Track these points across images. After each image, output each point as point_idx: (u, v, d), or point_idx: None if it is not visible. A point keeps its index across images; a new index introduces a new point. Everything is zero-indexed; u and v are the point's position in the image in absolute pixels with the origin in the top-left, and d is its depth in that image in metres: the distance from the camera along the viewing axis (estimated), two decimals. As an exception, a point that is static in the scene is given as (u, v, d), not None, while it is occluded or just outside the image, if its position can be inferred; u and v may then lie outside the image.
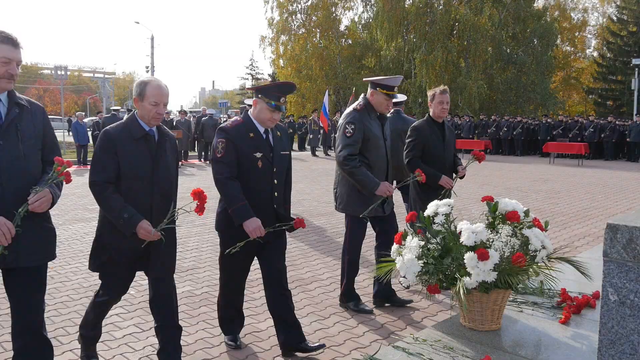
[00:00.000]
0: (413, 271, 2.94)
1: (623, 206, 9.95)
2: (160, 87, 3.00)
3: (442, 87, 4.78)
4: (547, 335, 2.99)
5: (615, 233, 1.89)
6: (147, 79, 3.04)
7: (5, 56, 2.43)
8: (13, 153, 2.50)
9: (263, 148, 3.39)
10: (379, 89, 4.21)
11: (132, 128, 3.00)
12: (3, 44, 2.43)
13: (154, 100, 2.95)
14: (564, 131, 22.54)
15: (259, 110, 3.37)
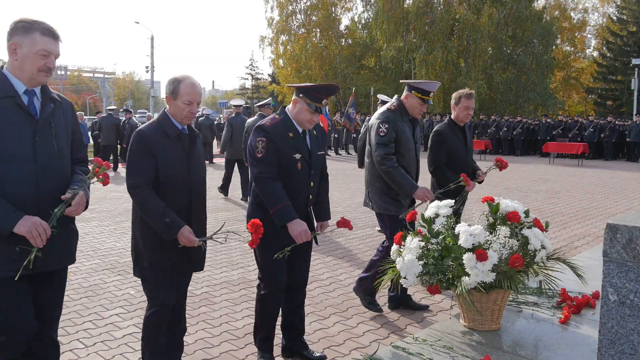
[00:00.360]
0: (413, 272, 2.94)
1: (623, 206, 9.96)
2: (194, 85, 2.87)
3: (468, 90, 4.64)
4: (547, 335, 2.99)
5: (615, 233, 1.89)
6: (181, 76, 2.89)
7: (44, 49, 2.33)
8: (48, 151, 2.40)
9: (302, 149, 3.23)
10: (414, 92, 4.12)
11: (165, 127, 2.87)
12: (44, 36, 2.33)
13: (187, 99, 2.83)
14: (563, 131, 22.55)
15: (299, 111, 3.21)
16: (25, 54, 2.31)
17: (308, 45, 35.04)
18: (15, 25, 2.33)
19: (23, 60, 2.32)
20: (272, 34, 36.46)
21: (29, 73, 2.33)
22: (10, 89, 2.33)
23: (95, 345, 3.70)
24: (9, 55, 2.34)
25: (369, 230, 7.59)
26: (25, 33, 2.31)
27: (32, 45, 2.31)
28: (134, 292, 4.79)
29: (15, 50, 2.32)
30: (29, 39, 2.30)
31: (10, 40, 2.32)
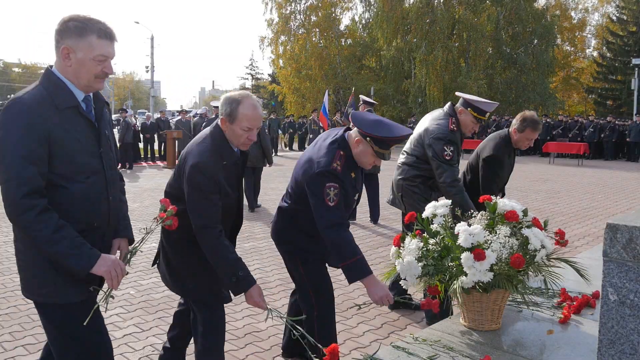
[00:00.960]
0: (413, 273, 2.94)
1: (623, 206, 9.96)
2: (255, 108, 2.57)
3: (534, 117, 4.26)
4: (547, 335, 2.99)
5: (615, 233, 1.89)
6: (239, 96, 2.57)
7: (102, 54, 2.05)
8: (110, 161, 2.22)
9: (359, 187, 3.06)
10: (470, 109, 3.94)
11: (224, 154, 2.62)
12: (101, 39, 2.04)
13: (247, 125, 2.55)
14: (563, 131, 22.56)
15: (362, 153, 2.88)
16: (81, 59, 2.03)
17: (308, 46, 35.05)
18: (65, 25, 2.03)
19: (79, 67, 2.05)
20: (271, 34, 36.48)
21: (85, 81, 2.08)
22: (72, 98, 2.07)
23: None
24: (61, 59, 2.05)
25: (369, 230, 7.59)
26: (80, 36, 2.02)
27: (89, 51, 2.03)
28: (134, 292, 4.79)
29: (69, 55, 2.03)
30: (85, 42, 2.02)
31: (62, 43, 2.03)
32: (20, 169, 1.92)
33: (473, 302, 3.01)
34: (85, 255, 2.03)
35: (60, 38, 2.04)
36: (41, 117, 1.96)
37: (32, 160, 1.93)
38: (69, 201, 2.04)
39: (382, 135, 2.78)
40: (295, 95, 36.12)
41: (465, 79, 29.45)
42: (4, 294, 4.78)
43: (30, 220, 1.94)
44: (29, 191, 1.93)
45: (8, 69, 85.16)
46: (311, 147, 3.02)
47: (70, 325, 2.11)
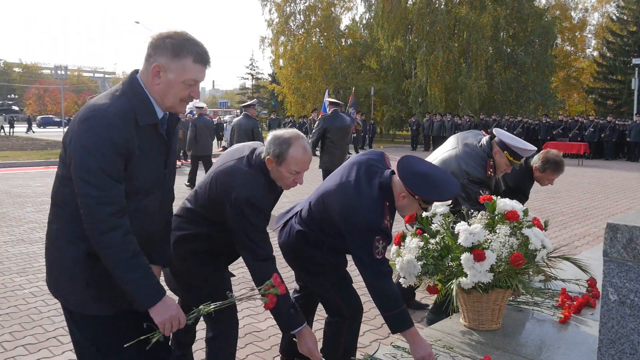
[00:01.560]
0: (412, 272, 2.94)
1: (623, 206, 9.95)
2: (306, 151, 2.44)
3: (558, 158, 4.18)
4: (547, 335, 2.99)
5: (615, 233, 1.89)
6: (289, 136, 2.43)
7: (194, 78, 1.95)
8: (171, 181, 2.16)
9: None
10: (506, 152, 3.72)
11: (272, 188, 2.53)
12: (196, 63, 1.93)
13: (295, 168, 2.42)
14: (564, 131, 22.56)
15: (408, 206, 2.72)
16: (171, 80, 1.92)
17: (308, 46, 35.06)
18: (162, 41, 1.91)
19: (167, 88, 1.94)
20: (271, 34, 36.49)
21: (169, 102, 1.98)
22: (154, 116, 1.97)
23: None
24: (151, 76, 1.93)
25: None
26: (175, 56, 1.90)
27: (181, 73, 1.92)
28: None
29: (159, 73, 1.92)
30: (179, 64, 1.91)
31: (154, 59, 1.91)
32: (108, 186, 1.84)
33: (473, 302, 3.01)
34: (152, 290, 1.93)
35: (154, 53, 1.92)
36: (125, 134, 1.87)
37: (118, 178, 1.87)
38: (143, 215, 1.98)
39: (431, 199, 2.67)
40: (295, 95, 36.12)
41: (465, 79, 29.46)
42: (4, 293, 4.78)
43: (114, 241, 1.86)
44: (115, 210, 1.86)
45: (9, 69, 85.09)
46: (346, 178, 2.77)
47: (99, 337, 2.04)
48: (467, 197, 3.67)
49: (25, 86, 74.90)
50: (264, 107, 52.39)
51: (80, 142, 1.84)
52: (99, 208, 1.83)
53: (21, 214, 8.53)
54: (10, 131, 37.68)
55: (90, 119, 1.85)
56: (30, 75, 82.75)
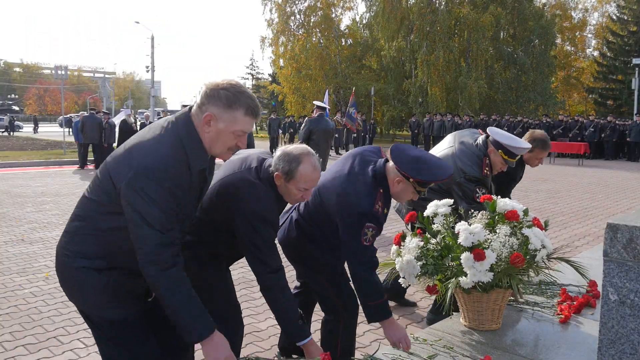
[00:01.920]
0: (412, 272, 2.94)
1: (623, 206, 9.96)
2: (315, 169, 2.44)
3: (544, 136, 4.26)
4: (547, 335, 2.99)
5: (615, 233, 1.88)
6: (299, 153, 2.43)
7: (243, 129, 2.01)
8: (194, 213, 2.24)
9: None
10: (500, 151, 3.76)
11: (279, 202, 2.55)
12: (247, 115, 2.00)
13: (304, 186, 2.43)
14: (564, 131, 22.56)
15: (403, 191, 2.80)
16: (221, 130, 1.98)
17: (308, 46, 35.07)
18: (217, 92, 1.98)
19: (216, 136, 1.99)
20: (272, 34, 36.49)
21: (217, 150, 2.04)
22: (204, 161, 2.04)
23: (95, 345, 3.70)
24: (202, 124, 1.98)
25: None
26: (228, 108, 1.97)
27: (231, 124, 1.98)
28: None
29: (210, 122, 1.97)
30: (230, 115, 1.97)
31: (207, 108, 1.97)
32: (168, 229, 1.93)
33: (474, 302, 3.01)
34: (204, 325, 2.06)
35: (207, 102, 1.98)
36: (181, 181, 1.95)
37: (176, 220, 1.96)
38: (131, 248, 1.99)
39: (425, 179, 2.72)
40: (295, 95, 36.13)
41: (466, 78, 29.47)
42: (4, 293, 4.78)
43: (173, 278, 1.95)
44: (176, 251, 1.97)
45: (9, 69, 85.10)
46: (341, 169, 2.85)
47: (119, 338, 2.13)
48: (463, 195, 3.71)
49: (25, 86, 74.94)
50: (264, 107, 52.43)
51: (141, 189, 1.88)
52: (161, 250, 1.92)
53: (21, 214, 8.53)
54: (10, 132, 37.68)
55: (150, 169, 1.89)
56: (31, 75, 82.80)
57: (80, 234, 2.05)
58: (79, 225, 2.06)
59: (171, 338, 2.36)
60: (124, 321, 2.10)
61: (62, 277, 2.13)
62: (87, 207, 2.05)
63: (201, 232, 2.62)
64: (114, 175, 1.95)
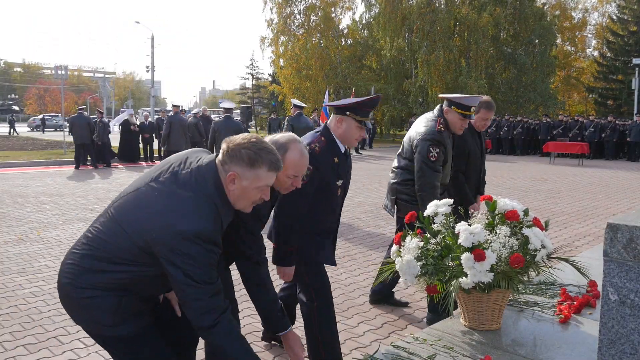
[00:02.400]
0: (412, 272, 2.94)
1: (623, 206, 9.95)
2: (303, 155, 2.48)
3: (489, 99, 4.44)
4: (547, 335, 2.98)
5: (615, 233, 1.88)
6: (286, 141, 2.47)
7: (267, 184, 2.09)
8: None
9: (344, 174, 3.08)
10: (454, 107, 3.94)
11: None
12: (270, 171, 2.07)
13: (293, 172, 2.45)
14: (564, 131, 22.55)
15: (347, 129, 2.98)
16: (246, 187, 2.05)
17: (308, 45, 35.06)
18: (239, 152, 2.03)
19: (241, 193, 2.07)
20: (272, 34, 36.46)
21: (242, 206, 2.12)
22: (232, 214, 2.15)
23: (95, 345, 3.70)
24: (227, 183, 2.05)
25: (369, 229, 7.59)
26: (251, 166, 2.03)
27: (256, 181, 2.05)
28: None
29: (234, 180, 2.04)
30: (254, 173, 2.04)
31: (231, 168, 2.03)
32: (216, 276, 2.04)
33: (474, 301, 3.01)
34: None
35: (230, 162, 2.04)
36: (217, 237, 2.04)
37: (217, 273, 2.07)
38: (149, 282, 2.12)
39: (358, 101, 2.95)
40: (295, 95, 36.11)
41: (466, 78, 29.47)
42: (4, 293, 4.78)
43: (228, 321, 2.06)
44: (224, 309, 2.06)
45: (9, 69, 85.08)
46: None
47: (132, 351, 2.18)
48: (419, 155, 3.92)
49: (25, 86, 74.94)
50: (264, 107, 52.36)
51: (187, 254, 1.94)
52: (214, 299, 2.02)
53: (21, 214, 8.53)
54: (11, 131, 37.65)
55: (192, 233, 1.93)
56: (31, 75, 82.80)
57: (94, 271, 2.05)
58: (91, 263, 2.06)
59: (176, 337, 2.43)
60: (137, 335, 2.13)
61: (67, 304, 2.14)
62: (102, 247, 2.05)
63: None
64: (136, 234, 1.98)
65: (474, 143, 4.46)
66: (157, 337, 2.24)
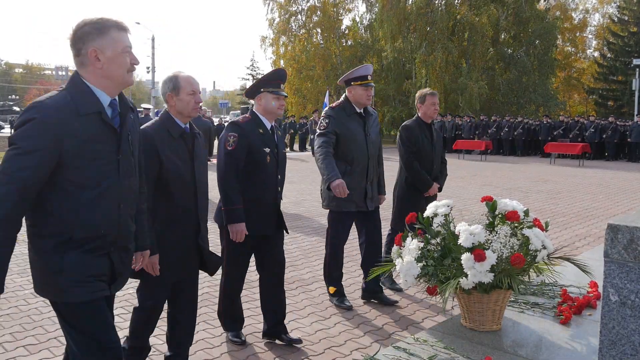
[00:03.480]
0: (412, 273, 2.94)
1: (624, 206, 9.95)
2: (191, 76, 2.95)
3: (429, 89, 4.91)
4: (547, 336, 2.98)
5: (616, 233, 1.88)
6: (174, 73, 2.94)
7: (127, 45, 2.10)
8: (128, 168, 2.18)
9: (271, 144, 3.53)
10: (353, 83, 4.31)
11: (169, 126, 2.88)
12: (121, 31, 2.09)
13: (190, 89, 2.89)
14: (564, 131, 22.53)
15: (266, 103, 3.52)
16: (111, 57, 2.05)
17: (309, 46, 35.04)
18: (82, 30, 2.05)
19: (109, 65, 2.05)
20: (272, 34, 36.46)
21: (119, 77, 2.10)
22: (97, 104, 2.06)
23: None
24: (90, 63, 2.05)
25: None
26: (102, 34, 2.04)
27: (115, 45, 2.05)
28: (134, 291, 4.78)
29: (98, 56, 2.03)
30: (109, 39, 2.04)
31: (87, 47, 2.03)
32: (19, 165, 1.92)
33: (474, 302, 3.01)
34: None
35: (83, 44, 2.03)
36: (58, 122, 1.95)
37: (37, 160, 1.94)
38: (76, 207, 2.04)
39: (263, 77, 3.56)
40: (296, 96, 36.11)
41: (465, 79, 29.43)
42: (5, 294, 4.77)
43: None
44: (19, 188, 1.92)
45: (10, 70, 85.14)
46: None
47: (80, 322, 2.12)
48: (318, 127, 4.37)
49: (26, 87, 74.94)
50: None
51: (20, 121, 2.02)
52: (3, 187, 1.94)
53: (22, 214, 8.52)
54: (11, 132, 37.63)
55: (26, 110, 2.00)
56: (32, 76, 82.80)
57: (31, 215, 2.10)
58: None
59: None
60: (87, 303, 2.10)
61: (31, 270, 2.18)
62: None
63: None
64: None
65: (422, 134, 4.78)
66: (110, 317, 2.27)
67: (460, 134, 24.71)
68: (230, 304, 3.76)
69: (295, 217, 8.48)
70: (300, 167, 16.61)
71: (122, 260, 2.23)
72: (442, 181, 4.97)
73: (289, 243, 6.76)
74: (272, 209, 3.57)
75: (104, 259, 2.14)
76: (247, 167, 3.45)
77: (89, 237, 2.07)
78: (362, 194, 4.32)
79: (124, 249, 2.24)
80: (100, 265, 2.13)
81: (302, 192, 11.59)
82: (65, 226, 2.03)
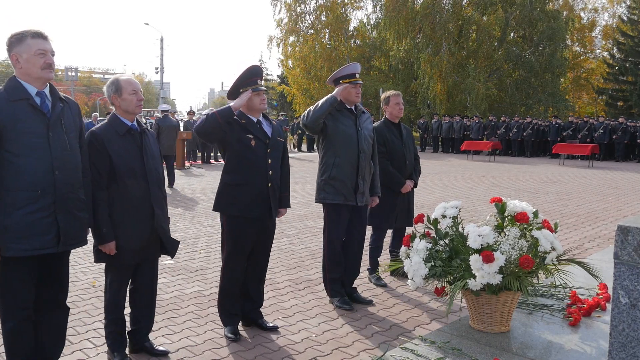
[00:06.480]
0: (420, 274, 2.94)
1: (634, 208, 9.87)
2: (131, 77, 3.30)
3: (393, 91, 5.15)
4: (556, 338, 2.97)
5: (626, 235, 1.87)
6: (114, 76, 3.30)
7: (39, 48, 2.71)
8: (62, 144, 2.77)
9: (256, 131, 3.74)
10: (342, 81, 4.41)
11: (115, 126, 3.22)
12: (34, 38, 2.71)
13: (131, 89, 3.20)
14: (573, 132, 22.39)
15: (248, 101, 3.73)
16: (26, 59, 2.70)
17: (317, 46, 35.03)
18: (9, 40, 2.73)
19: (26, 65, 2.71)
20: (281, 34, 36.50)
21: (35, 74, 2.72)
22: (24, 92, 2.71)
23: (104, 345, 3.71)
24: (15, 66, 2.73)
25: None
26: (20, 42, 2.70)
27: (28, 49, 2.70)
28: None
29: (18, 60, 2.71)
30: (24, 45, 2.70)
31: (11, 53, 2.72)
32: None
33: (482, 304, 2.99)
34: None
35: (10, 51, 2.73)
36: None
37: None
38: (16, 171, 2.63)
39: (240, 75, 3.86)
40: (304, 96, 36.12)
41: (473, 80, 29.32)
42: None
43: None
44: None
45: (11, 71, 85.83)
46: None
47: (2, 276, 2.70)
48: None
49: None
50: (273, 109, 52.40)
51: None
52: None
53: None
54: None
55: None
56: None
57: None
58: None
59: (48, 294, 2.90)
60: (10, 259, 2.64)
61: None
62: None
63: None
64: None
65: (391, 134, 5.01)
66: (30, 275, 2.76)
67: (468, 135, 24.61)
68: (225, 297, 3.86)
69: (303, 218, 8.48)
70: (308, 168, 16.60)
71: (68, 222, 2.76)
72: (416, 178, 5.17)
73: (297, 244, 6.76)
74: (265, 192, 3.72)
75: (49, 220, 2.70)
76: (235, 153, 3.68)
77: (29, 198, 2.64)
78: (351, 188, 4.33)
79: (69, 213, 2.77)
80: (44, 225, 2.68)
81: (309, 192, 11.57)
82: (8, 190, 2.61)
